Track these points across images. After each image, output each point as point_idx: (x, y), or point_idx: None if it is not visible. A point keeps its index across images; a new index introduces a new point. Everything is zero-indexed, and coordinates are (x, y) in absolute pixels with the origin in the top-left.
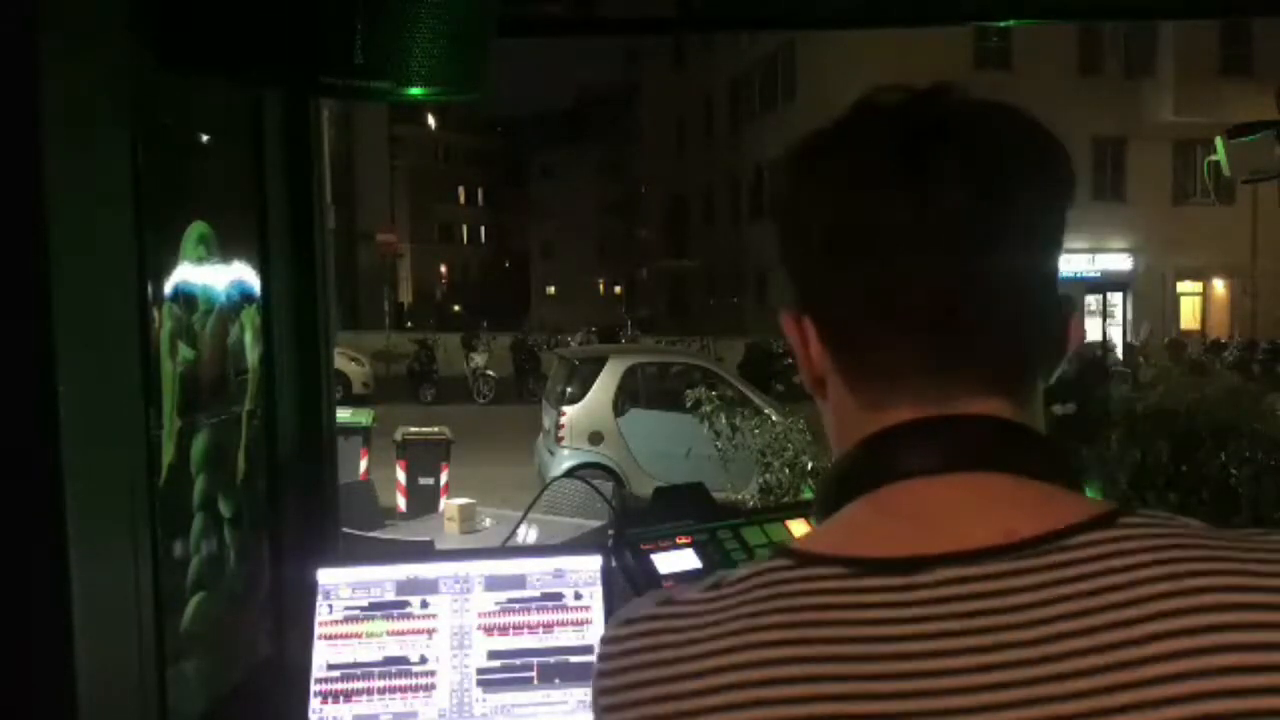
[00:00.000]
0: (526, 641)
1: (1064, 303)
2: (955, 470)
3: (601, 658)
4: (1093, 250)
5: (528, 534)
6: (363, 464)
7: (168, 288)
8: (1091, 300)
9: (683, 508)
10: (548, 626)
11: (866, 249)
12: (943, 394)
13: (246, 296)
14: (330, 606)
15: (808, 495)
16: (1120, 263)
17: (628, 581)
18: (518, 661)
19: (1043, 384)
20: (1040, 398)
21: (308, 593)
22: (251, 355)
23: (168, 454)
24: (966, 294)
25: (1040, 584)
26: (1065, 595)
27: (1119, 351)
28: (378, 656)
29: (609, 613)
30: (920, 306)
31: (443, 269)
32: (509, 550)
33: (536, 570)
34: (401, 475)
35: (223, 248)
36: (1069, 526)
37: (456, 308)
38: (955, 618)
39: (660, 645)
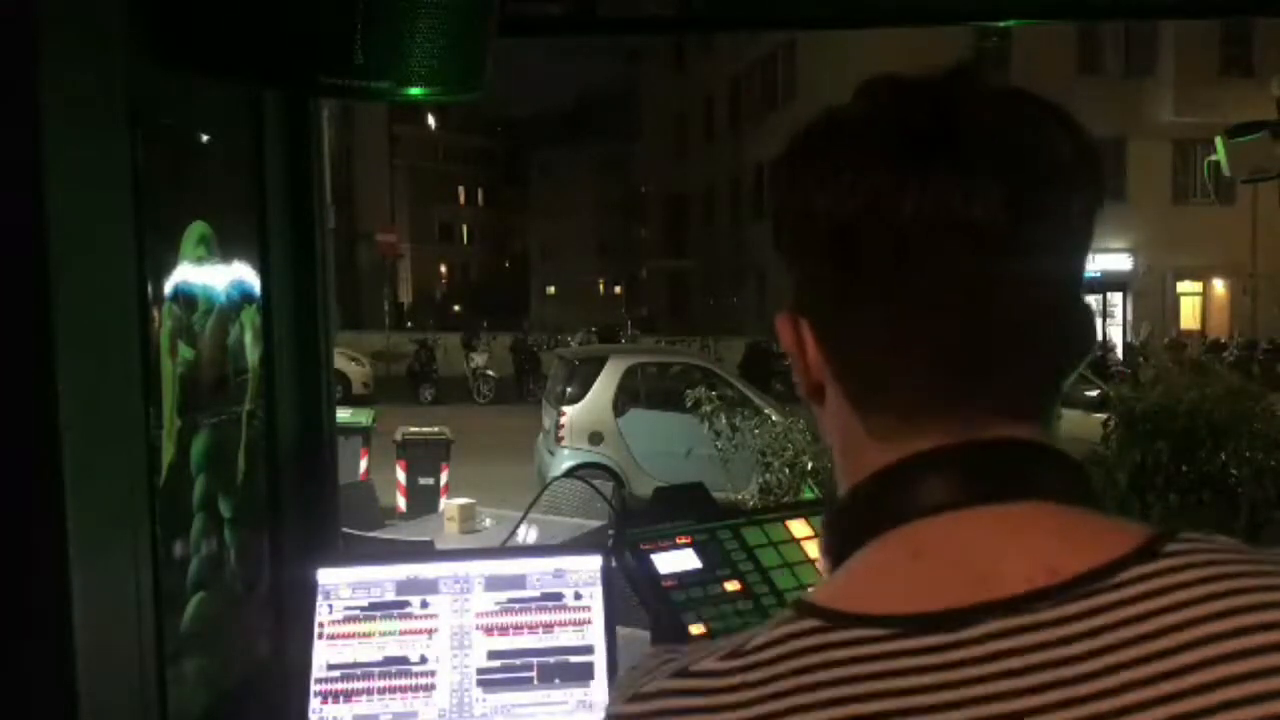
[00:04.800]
0: (526, 641)
1: (1089, 309)
2: (985, 502)
3: None
4: (1092, 250)
5: (528, 534)
6: (363, 464)
7: (168, 288)
8: (1091, 300)
9: (683, 508)
10: (548, 626)
11: (880, 256)
12: (964, 423)
13: (246, 296)
14: (330, 606)
15: (808, 495)
16: (1120, 262)
17: (628, 581)
18: (518, 661)
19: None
20: (1057, 409)
21: (308, 593)
22: (251, 355)
23: (168, 454)
24: (996, 312)
25: (1093, 630)
26: (1123, 641)
27: (1119, 351)
28: (378, 656)
29: (609, 613)
30: (942, 328)
31: (443, 269)
32: (509, 550)
33: (536, 570)
34: (401, 475)
35: (223, 248)
36: (1114, 561)
37: (456, 308)
38: (1009, 676)
39: None
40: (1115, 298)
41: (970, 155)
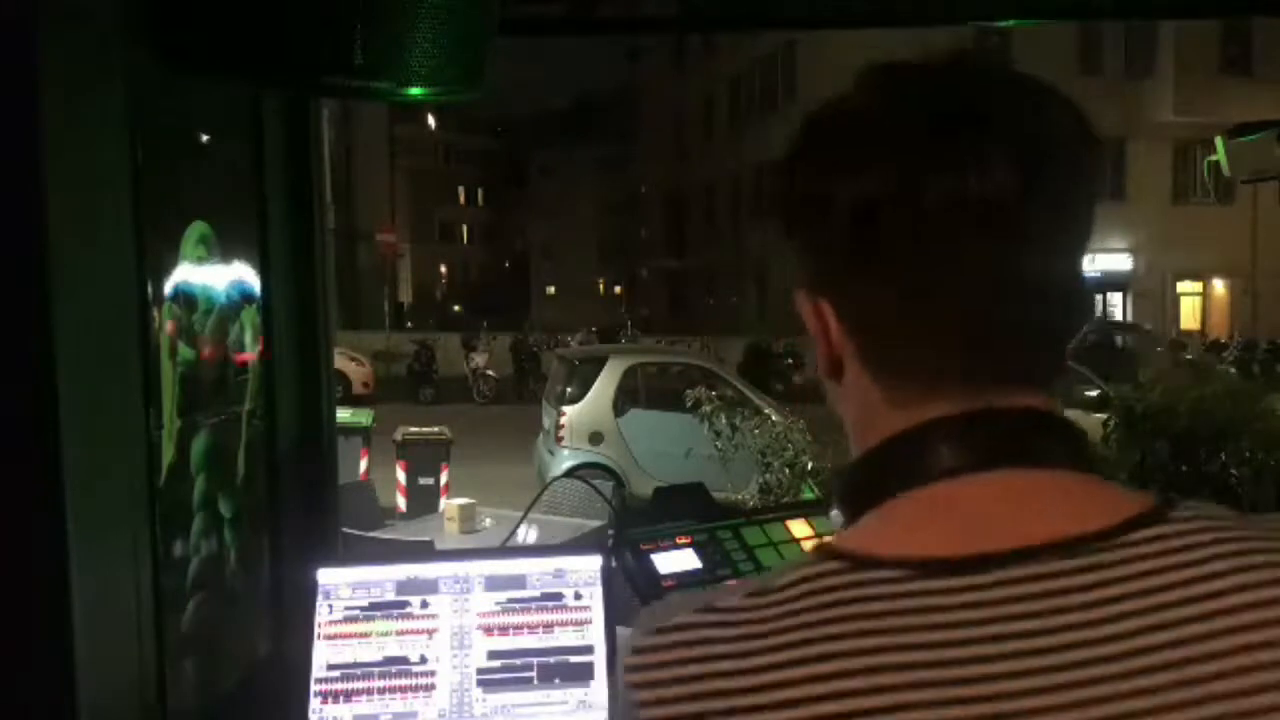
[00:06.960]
0: (526, 641)
1: (1086, 284)
2: (999, 467)
3: (634, 668)
4: (1092, 250)
5: (528, 534)
6: (363, 464)
7: (168, 288)
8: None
9: (683, 508)
10: (548, 626)
11: (899, 237)
12: (979, 389)
13: (246, 296)
14: (330, 606)
15: (808, 495)
16: (1120, 263)
17: (628, 581)
18: (518, 661)
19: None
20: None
21: (308, 593)
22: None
23: (168, 454)
24: (1008, 291)
25: (1112, 579)
26: (1140, 590)
27: None
28: (378, 656)
29: (609, 613)
30: (957, 304)
31: (443, 269)
32: (509, 550)
33: (536, 570)
34: (401, 475)
35: (223, 248)
36: (1128, 520)
37: (456, 308)
38: (1030, 617)
39: (708, 656)
40: (1115, 298)
41: (984, 139)
